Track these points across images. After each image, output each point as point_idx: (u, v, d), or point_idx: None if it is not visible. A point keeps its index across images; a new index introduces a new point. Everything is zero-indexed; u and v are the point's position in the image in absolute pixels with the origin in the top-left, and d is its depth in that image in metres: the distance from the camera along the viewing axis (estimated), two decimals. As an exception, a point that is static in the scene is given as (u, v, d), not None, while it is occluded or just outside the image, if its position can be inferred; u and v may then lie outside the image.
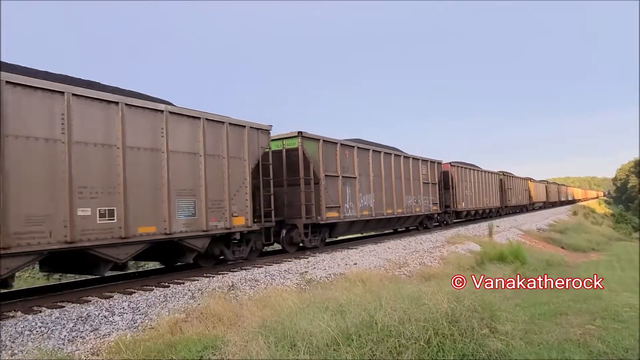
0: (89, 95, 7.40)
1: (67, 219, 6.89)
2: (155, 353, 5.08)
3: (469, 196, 25.06)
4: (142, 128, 8.16)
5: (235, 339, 5.15)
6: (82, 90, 7.33)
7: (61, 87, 7.05)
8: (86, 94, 7.35)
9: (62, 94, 7.01)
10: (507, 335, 5.32)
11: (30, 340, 5.46)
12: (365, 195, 14.94)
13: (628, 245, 29.98)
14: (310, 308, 5.76)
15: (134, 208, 7.88)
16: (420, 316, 5.03)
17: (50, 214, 6.73)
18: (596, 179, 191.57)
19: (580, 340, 5.39)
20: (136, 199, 7.94)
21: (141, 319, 6.39)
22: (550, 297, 7.51)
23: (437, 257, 13.19)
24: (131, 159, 7.90)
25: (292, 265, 10.38)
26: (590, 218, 47.62)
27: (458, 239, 17.04)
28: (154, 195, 8.29)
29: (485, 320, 5.43)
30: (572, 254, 21.42)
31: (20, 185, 6.44)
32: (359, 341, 4.65)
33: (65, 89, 7.07)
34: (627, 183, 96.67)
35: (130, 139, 7.92)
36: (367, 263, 11.34)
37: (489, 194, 29.02)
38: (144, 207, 8.09)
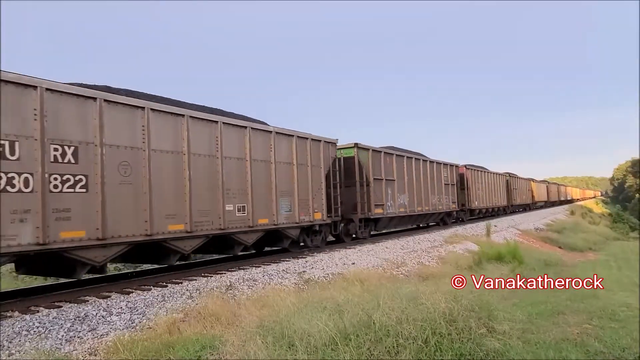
0: (198, 116, 9.39)
1: (220, 213, 9.62)
2: (153, 353, 5.08)
3: (481, 196, 27.64)
4: (259, 145, 10.94)
5: (233, 339, 5.16)
6: (196, 113, 9.36)
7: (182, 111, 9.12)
8: (197, 115, 9.38)
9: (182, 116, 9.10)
10: (504, 334, 5.33)
11: (27, 341, 5.45)
12: (402, 194, 17.75)
13: (625, 245, 30.03)
14: (308, 308, 5.76)
15: (256, 205, 10.60)
16: (418, 316, 5.04)
17: (211, 209, 9.45)
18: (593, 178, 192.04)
19: (578, 340, 5.41)
20: (257, 198, 10.64)
21: (139, 319, 6.38)
22: (548, 296, 7.53)
23: (435, 257, 13.21)
24: (255, 168, 10.67)
25: (290, 265, 10.38)
26: (588, 218, 47.72)
27: (456, 238, 17.06)
28: (266, 195, 11.07)
29: (482, 319, 5.44)
30: (569, 254, 21.46)
31: (197, 189, 9.11)
32: (357, 341, 4.66)
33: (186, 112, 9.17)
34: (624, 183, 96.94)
35: (254, 154, 10.71)
36: (365, 263, 11.34)
37: (497, 193, 31.56)
38: (261, 204, 10.82)
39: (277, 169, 11.39)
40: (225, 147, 9.85)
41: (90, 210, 7.21)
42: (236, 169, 10.19)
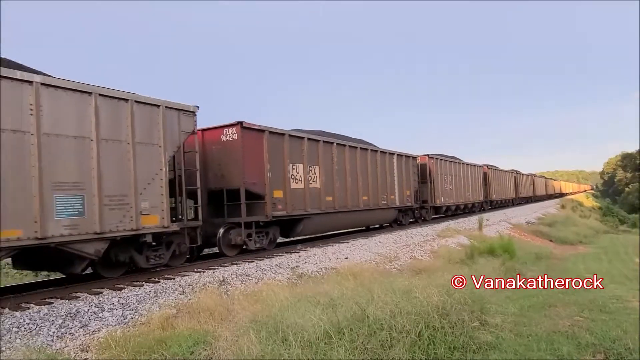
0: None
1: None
2: (145, 349, 5.05)
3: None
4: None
5: (226, 334, 5.14)
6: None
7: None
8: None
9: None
10: (497, 327, 5.38)
11: (18, 337, 5.40)
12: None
13: (615, 238, 30.47)
14: (302, 302, 5.76)
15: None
16: (411, 309, 5.06)
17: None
18: (584, 172, 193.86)
19: (569, 332, 5.47)
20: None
21: (131, 315, 6.34)
22: (539, 289, 7.58)
23: (427, 251, 13.27)
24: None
25: (283, 260, 10.36)
26: (578, 211, 48.24)
27: (448, 232, 17.15)
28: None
29: (475, 313, 5.48)
30: (560, 247, 21.71)
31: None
32: (350, 335, 4.66)
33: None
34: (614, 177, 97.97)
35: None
36: (358, 257, 11.36)
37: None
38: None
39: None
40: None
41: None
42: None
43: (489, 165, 33.18)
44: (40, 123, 6.81)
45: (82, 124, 7.35)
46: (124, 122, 8.00)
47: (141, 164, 8.19)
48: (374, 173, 16.46)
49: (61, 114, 7.11)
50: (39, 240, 6.66)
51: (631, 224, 48.07)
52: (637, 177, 73.85)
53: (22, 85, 6.69)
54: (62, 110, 7.12)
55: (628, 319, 5.97)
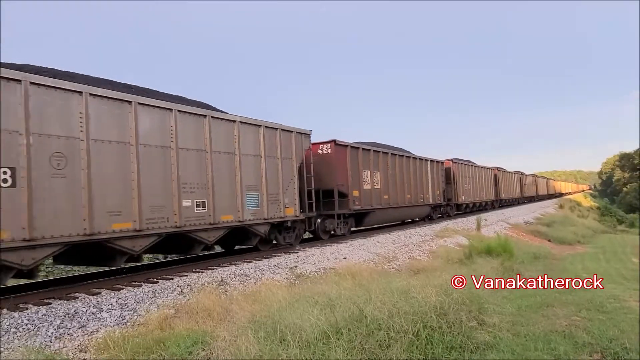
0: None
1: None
2: (144, 349, 5.05)
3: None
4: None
5: (224, 334, 5.14)
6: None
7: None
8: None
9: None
10: (494, 327, 5.39)
11: (16, 338, 5.40)
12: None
13: (613, 238, 30.51)
14: (300, 302, 5.77)
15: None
16: (409, 309, 5.07)
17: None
18: (582, 172, 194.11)
19: (566, 332, 5.48)
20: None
21: (130, 315, 6.34)
22: (538, 289, 7.60)
23: (426, 251, 13.29)
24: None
25: (281, 260, 10.37)
26: (576, 211, 48.30)
27: (447, 232, 17.18)
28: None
29: (473, 312, 5.49)
30: (558, 247, 21.72)
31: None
32: (348, 335, 4.67)
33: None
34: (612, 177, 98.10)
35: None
36: (356, 257, 11.37)
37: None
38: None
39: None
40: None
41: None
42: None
43: (498, 168, 36.51)
44: (240, 148, 10.51)
45: (258, 147, 11.14)
46: (275, 144, 11.73)
47: (284, 172, 11.94)
48: (414, 176, 20.26)
49: (250, 141, 10.91)
50: (239, 222, 10.37)
51: (629, 223, 48.19)
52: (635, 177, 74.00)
53: (222, 122, 10.18)
54: (248, 138, 10.85)
55: (625, 319, 5.98)
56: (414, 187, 20.00)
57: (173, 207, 8.74)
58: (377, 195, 16.59)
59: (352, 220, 15.52)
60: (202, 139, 9.54)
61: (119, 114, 7.92)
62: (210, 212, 9.54)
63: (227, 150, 10.19)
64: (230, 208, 10.11)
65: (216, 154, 9.83)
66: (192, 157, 9.28)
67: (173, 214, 8.73)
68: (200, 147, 9.50)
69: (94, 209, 7.35)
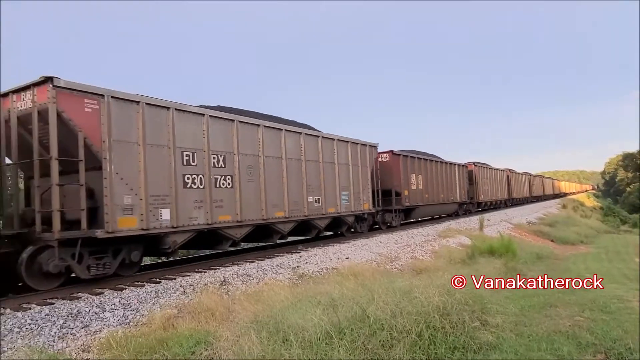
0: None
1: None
2: (147, 349, 5.06)
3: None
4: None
5: (227, 334, 5.15)
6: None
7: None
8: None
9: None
10: (497, 327, 5.37)
11: (19, 338, 5.41)
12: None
13: (616, 238, 30.39)
14: (303, 302, 5.77)
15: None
16: (412, 309, 5.06)
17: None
18: (585, 172, 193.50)
19: (569, 332, 5.46)
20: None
21: (132, 315, 6.35)
22: (545, 289, 7.57)
23: (428, 251, 13.27)
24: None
25: (284, 260, 10.37)
26: (579, 211, 48.17)
27: (449, 232, 17.15)
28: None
29: (476, 313, 5.47)
30: (561, 247, 21.66)
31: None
32: (351, 335, 4.67)
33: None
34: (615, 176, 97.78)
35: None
36: (359, 257, 11.37)
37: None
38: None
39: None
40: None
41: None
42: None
43: (510, 170, 39.93)
44: (338, 159, 14.39)
45: (347, 157, 15.00)
46: (357, 155, 15.59)
47: (363, 176, 15.79)
48: (445, 178, 23.84)
49: (343, 153, 14.74)
50: (338, 214, 14.19)
51: (632, 224, 47.92)
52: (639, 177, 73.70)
53: (327, 140, 14.05)
54: (342, 151, 14.69)
55: (629, 319, 5.95)
56: (446, 187, 23.68)
57: (303, 202, 12.52)
58: (420, 194, 20.29)
59: (402, 215, 19.13)
60: (317, 153, 13.39)
61: (277, 138, 11.84)
62: (322, 206, 13.33)
63: (330, 161, 14.02)
64: (332, 203, 13.88)
65: (325, 163, 13.68)
66: (312, 166, 13.09)
67: (303, 207, 12.50)
68: (316, 159, 13.35)
69: (267, 203, 11.15)
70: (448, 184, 24.09)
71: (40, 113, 7.41)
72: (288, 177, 11.88)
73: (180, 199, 8.88)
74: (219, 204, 9.72)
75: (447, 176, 24.10)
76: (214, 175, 9.70)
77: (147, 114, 8.44)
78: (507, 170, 38.85)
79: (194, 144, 9.34)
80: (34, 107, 7.47)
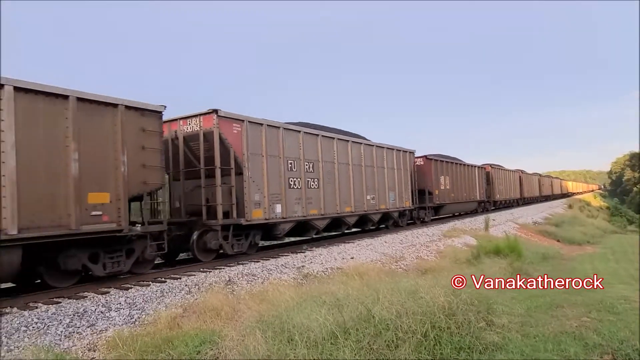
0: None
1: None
2: (152, 348, 5.08)
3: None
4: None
5: (232, 334, 5.16)
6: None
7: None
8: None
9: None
10: (503, 328, 5.34)
11: (26, 337, 5.44)
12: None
13: (623, 238, 30.16)
14: (308, 302, 5.76)
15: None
16: (417, 309, 5.04)
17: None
18: (591, 172, 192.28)
19: (576, 333, 5.42)
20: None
21: (138, 314, 6.38)
22: (546, 289, 7.53)
23: (433, 251, 13.23)
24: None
25: (289, 260, 10.38)
26: (586, 211, 47.88)
27: (454, 232, 17.10)
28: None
29: (481, 313, 5.45)
30: (567, 247, 21.53)
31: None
32: (356, 335, 4.66)
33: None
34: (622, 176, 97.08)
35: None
36: (364, 257, 11.35)
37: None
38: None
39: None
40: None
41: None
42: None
43: (522, 171, 42.43)
44: (387, 164, 17.17)
45: (393, 162, 17.73)
46: (400, 160, 18.36)
47: (404, 178, 18.64)
48: (467, 179, 26.38)
49: (390, 159, 17.51)
50: (387, 210, 16.92)
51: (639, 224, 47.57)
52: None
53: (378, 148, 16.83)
54: (389, 157, 17.50)
55: (636, 320, 5.90)
56: (468, 187, 26.33)
57: (363, 200, 15.33)
58: (448, 194, 22.91)
59: (432, 211, 21.76)
60: (372, 160, 16.18)
61: (345, 148, 14.67)
62: (377, 203, 16.10)
63: (381, 165, 16.78)
64: (383, 201, 16.66)
65: (377, 168, 16.42)
66: (369, 171, 15.88)
67: (363, 203, 15.26)
68: (371, 164, 16.09)
69: (340, 200, 14.02)
70: (469, 184, 26.72)
71: (205, 134, 10.17)
72: (353, 180, 14.76)
73: (287, 196, 11.72)
74: (310, 201, 12.63)
75: (469, 177, 26.75)
76: (307, 178, 12.64)
77: (266, 133, 11.26)
78: (519, 171, 41.14)
79: (294, 154, 12.26)
80: (200, 130, 10.27)
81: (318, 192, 13.03)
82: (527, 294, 7.39)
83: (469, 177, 26.81)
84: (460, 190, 24.93)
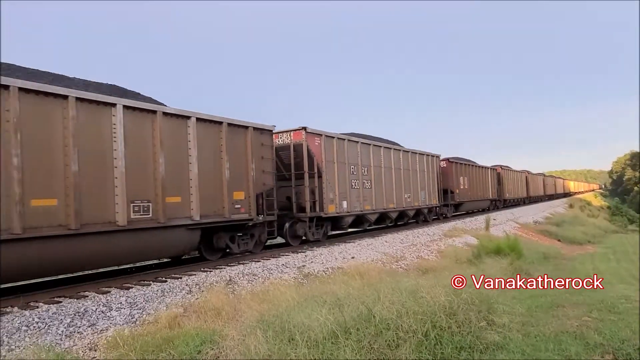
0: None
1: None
2: (153, 348, 5.08)
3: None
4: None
5: (233, 334, 5.16)
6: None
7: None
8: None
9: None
10: (504, 327, 5.34)
11: (27, 336, 5.45)
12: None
13: (624, 238, 30.15)
14: (309, 302, 5.76)
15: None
16: (418, 309, 5.04)
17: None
18: (592, 171, 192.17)
19: (577, 332, 5.41)
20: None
21: (139, 314, 6.38)
22: (546, 289, 7.52)
23: (434, 251, 13.23)
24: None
25: (289, 259, 10.38)
26: (586, 211, 47.86)
27: (455, 232, 17.09)
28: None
29: (482, 312, 5.44)
30: (568, 247, 21.54)
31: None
32: (357, 334, 4.65)
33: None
34: (623, 176, 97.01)
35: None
36: (364, 257, 11.35)
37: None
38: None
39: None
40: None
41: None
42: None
43: (528, 172, 44.97)
44: (418, 167, 19.89)
45: (423, 166, 20.37)
46: (429, 163, 20.94)
47: (432, 179, 21.15)
48: (482, 179, 29.21)
49: (421, 162, 20.23)
50: (418, 207, 19.61)
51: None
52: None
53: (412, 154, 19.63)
54: (422, 162, 20.32)
55: (637, 319, 5.89)
56: (482, 187, 29.05)
57: (402, 198, 17.85)
58: (466, 192, 25.63)
59: (453, 208, 24.40)
60: (407, 163, 18.66)
61: (388, 154, 17.17)
62: (412, 200, 18.66)
63: (414, 168, 19.31)
64: (416, 199, 19.19)
65: (412, 171, 19.00)
66: (405, 173, 18.34)
67: (402, 201, 17.72)
68: (407, 167, 18.60)
69: (385, 198, 16.62)
70: (483, 184, 29.47)
71: (294, 146, 12.97)
72: (395, 181, 17.36)
73: (350, 195, 14.42)
74: (365, 199, 15.23)
75: (482, 178, 29.47)
76: (363, 180, 15.26)
77: (336, 144, 13.99)
78: (525, 171, 43.85)
79: (354, 160, 14.95)
80: (290, 142, 13.07)
81: (371, 192, 15.66)
82: (528, 294, 7.38)
83: (483, 177, 29.55)
84: (476, 189, 27.76)
